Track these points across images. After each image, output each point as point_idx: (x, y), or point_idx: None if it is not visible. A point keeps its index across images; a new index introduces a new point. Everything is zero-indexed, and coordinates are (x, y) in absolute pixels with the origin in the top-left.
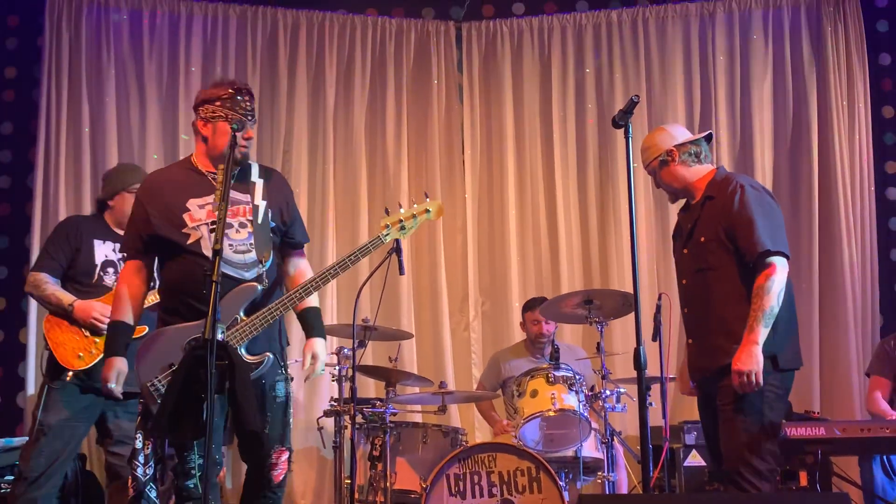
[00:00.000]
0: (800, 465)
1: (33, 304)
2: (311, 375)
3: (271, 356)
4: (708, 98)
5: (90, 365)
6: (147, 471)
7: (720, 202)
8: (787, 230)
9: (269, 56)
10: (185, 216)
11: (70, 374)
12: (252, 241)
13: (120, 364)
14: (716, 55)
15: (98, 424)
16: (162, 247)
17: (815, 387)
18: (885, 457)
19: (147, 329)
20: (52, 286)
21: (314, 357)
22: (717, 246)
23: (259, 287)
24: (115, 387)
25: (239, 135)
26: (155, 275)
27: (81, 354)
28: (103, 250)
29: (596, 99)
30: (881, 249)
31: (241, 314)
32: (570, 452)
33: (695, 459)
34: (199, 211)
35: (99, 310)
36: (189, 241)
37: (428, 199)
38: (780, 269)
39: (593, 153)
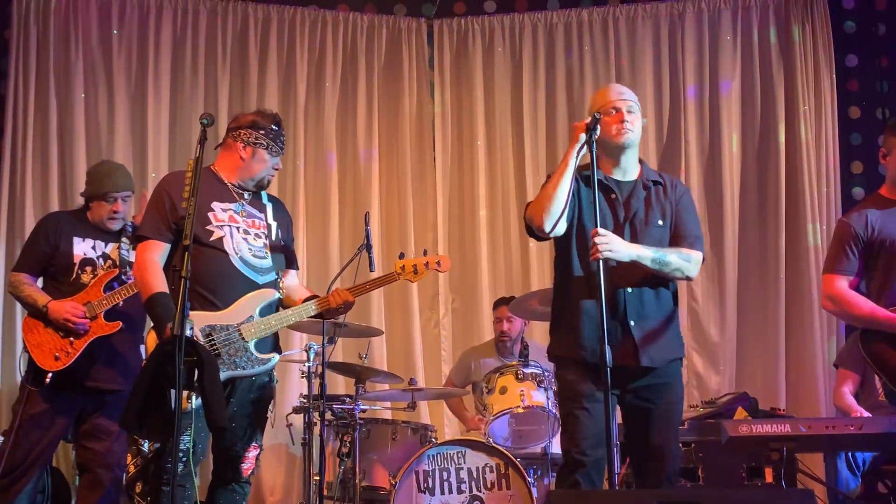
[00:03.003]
0: (765, 461)
1: (3, 302)
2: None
3: (277, 357)
4: (677, 97)
5: (67, 365)
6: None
7: (670, 192)
8: (756, 229)
9: (240, 51)
10: (210, 215)
11: (50, 375)
12: (267, 251)
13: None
14: (685, 54)
15: (74, 420)
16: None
17: (781, 384)
18: (849, 453)
19: (122, 324)
20: (29, 287)
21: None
22: (670, 233)
23: (276, 294)
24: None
25: (271, 160)
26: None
27: (58, 355)
28: (83, 248)
29: (566, 97)
30: None
31: (257, 314)
32: (538, 449)
33: None
34: (222, 213)
35: (70, 310)
36: (211, 238)
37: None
38: None
39: (563, 151)
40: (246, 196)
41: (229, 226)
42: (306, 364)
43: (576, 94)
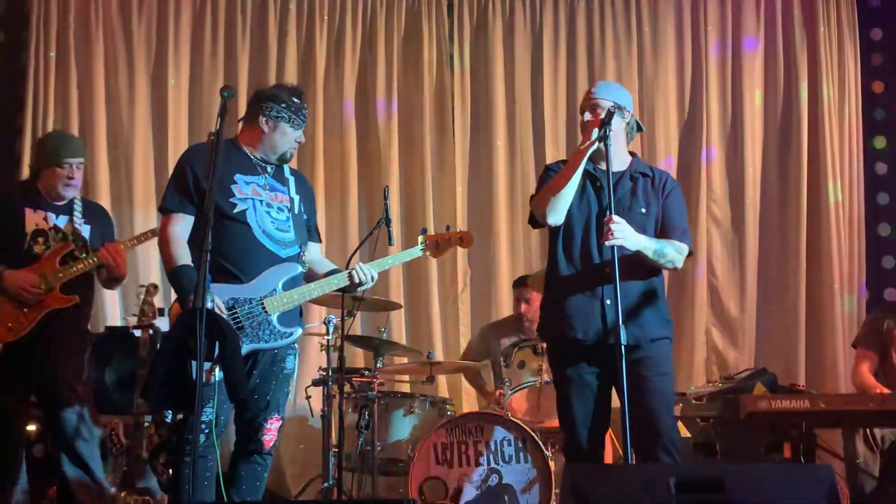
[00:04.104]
0: (784, 437)
1: None
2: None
3: (301, 330)
4: (699, 73)
5: (21, 335)
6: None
7: (658, 185)
8: (777, 204)
9: (259, 25)
10: (234, 188)
11: (1, 346)
12: (290, 224)
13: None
14: (707, 29)
15: (39, 394)
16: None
17: (801, 360)
18: (868, 430)
19: (77, 299)
20: None
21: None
22: (654, 221)
23: (299, 267)
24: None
25: (293, 133)
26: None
27: (11, 325)
28: (34, 219)
29: (587, 69)
30: (868, 224)
31: (280, 288)
32: (556, 423)
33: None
34: (245, 186)
35: (30, 281)
36: (234, 211)
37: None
38: None
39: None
40: (269, 169)
41: (252, 199)
42: (325, 337)
43: (597, 66)
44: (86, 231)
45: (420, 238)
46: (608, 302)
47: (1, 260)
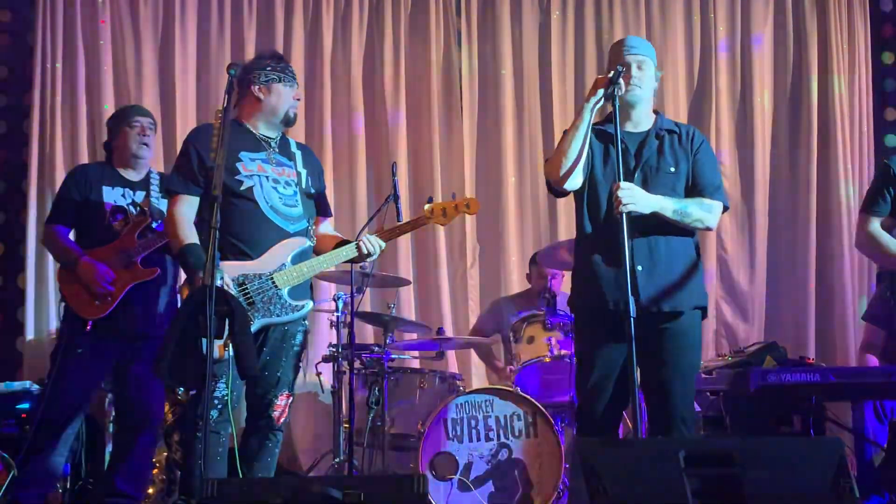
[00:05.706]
0: (794, 410)
1: (31, 250)
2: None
3: (312, 303)
4: (708, 40)
5: (108, 311)
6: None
7: (686, 142)
8: (786, 176)
9: (266, 1)
10: (239, 165)
11: (90, 322)
12: (298, 199)
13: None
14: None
15: (112, 369)
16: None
17: (811, 333)
18: (877, 402)
19: (159, 271)
20: (61, 240)
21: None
22: (685, 179)
23: (308, 242)
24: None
25: (289, 91)
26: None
27: (98, 302)
28: (112, 196)
29: (595, 45)
30: None
31: (289, 262)
32: (566, 398)
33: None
34: (250, 163)
35: (101, 275)
36: (241, 188)
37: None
38: None
39: None
40: (273, 144)
41: (258, 175)
42: (335, 314)
43: (605, 41)
44: (163, 205)
45: (426, 206)
46: (639, 268)
47: (85, 239)
